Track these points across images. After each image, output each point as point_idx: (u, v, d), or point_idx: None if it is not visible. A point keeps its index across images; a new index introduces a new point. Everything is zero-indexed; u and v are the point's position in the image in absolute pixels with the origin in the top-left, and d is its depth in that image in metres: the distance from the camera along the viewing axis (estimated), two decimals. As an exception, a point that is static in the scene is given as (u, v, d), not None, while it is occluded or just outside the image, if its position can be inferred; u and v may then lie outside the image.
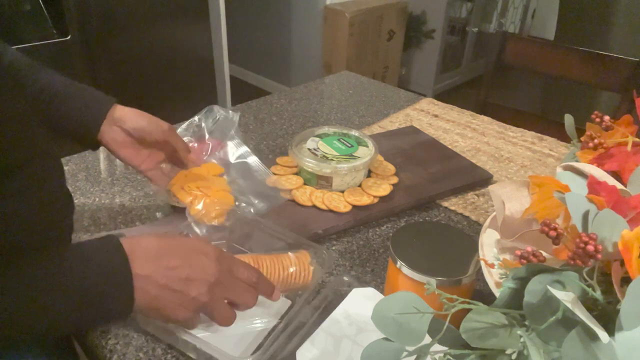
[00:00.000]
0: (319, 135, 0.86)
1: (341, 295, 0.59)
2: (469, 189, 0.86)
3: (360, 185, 0.81)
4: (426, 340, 0.37)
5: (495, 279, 0.46)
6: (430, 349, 0.37)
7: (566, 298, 0.33)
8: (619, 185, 0.47)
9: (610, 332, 0.33)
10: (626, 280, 0.35)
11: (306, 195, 0.78)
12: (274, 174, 0.83)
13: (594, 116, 0.58)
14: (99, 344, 0.56)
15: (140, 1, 1.90)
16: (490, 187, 0.53)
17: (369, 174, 0.85)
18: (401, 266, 0.53)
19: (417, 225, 0.67)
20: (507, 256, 0.50)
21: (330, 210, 0.76)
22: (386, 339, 0.38)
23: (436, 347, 0.37)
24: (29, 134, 0.50)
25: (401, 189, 0.82)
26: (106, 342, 0.56)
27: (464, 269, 0.52)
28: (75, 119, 0.64)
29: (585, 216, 0.39)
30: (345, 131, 0.87)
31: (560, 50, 1.36)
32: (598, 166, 0.51)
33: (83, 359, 0.66)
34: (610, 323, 0.34)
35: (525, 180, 0.51)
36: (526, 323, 0.36)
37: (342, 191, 0.80)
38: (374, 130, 1.06)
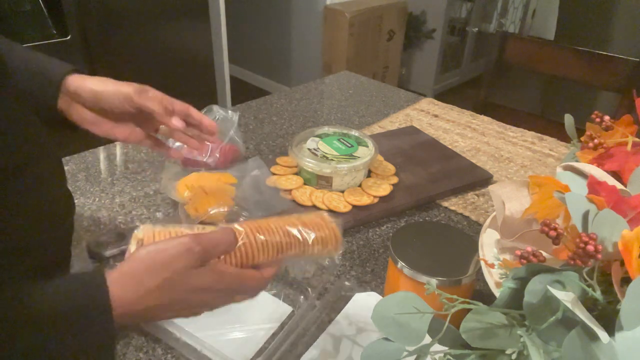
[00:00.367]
0: (319, 135, 0.86)
1: (343, 299, 0.60)
2: (469, 189, 0.86)
3: (360, 185, 0.81)
4: (426, 340, 0.37)
5: (495, 279, 0.46)
6: (430, 349, 0.37)
7: (566, 298, 0.33)
8: (619, 185, 0.47)
9: (610, 332, 0.33)
10: (626, 280, 0.35)
11: (306, 195, 0.78)
12: (273, 174, 0.83)
13: (594, 116, 0.58)
14: (99, 344, 0.56)
15: (140, 1, 1.89)
16: (490, 187, 0.53)
17: (369, 174, 0.85)
18: (401, 266, 0.53)
19: (417, 225, 0.67)
20: (507, 256, 0.50)
21: (330, 210, 0.76)
22: (386, 339, 0.38)
23: (436, 347, 0.37)
24: (29, 135, 0.50)
25: (401, 189, 0.82)
26: (106, 342, 0.56)
27: (464, 269, 0.52)
28: (33, 101, 0.56)
29: (585, 216, 0.39)
30: (345, 131, 0.87)
31: (560, 50, 1.36)
32: (598, 166, 0.51)
33: (83, 359, 0.66)
34: (610, 323, 0.34)
35: (525, 180, 0.51)
36: (526, 323, 0.36)
37: (342, 191, 0.80)
38: (374, 130, 1.06)
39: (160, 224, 0.47)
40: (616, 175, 0.52)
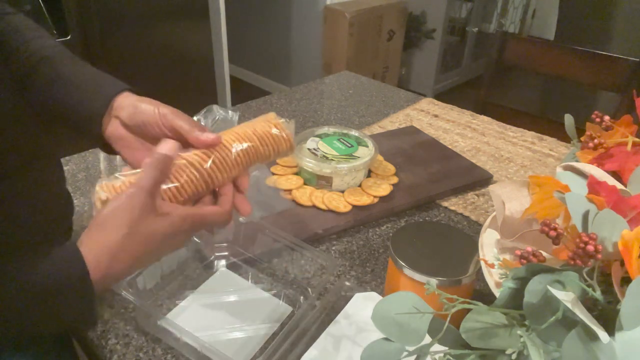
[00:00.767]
0: (319, 135, 0.86)
1: (343, 299, 0.60)
2: (469, 189, 0.86)
3: (360, 185, 0.81)
4: (426, 340, 0.37)
5: (495, 279, 0.46)
6: (430, 349, 0.37)
7: (566, 298, 0.33)
8: (619, 185, 0.47)
9: (610, 332, 0.33)
10: (626, 280, 0.35)
11: (306, 195, 0.78)
12: (273, 174, 0.83)
13: (594, 116, 0.58)
14: (99, 344, 0.56)
15: (140, 1, 1.90)
16: (490, 187, 0.53)
17: (369, 174, 0.85)
18: (401, 266, 0.53)
19: (417, 225, 0.67)
20: (507, 256, 0.50)
21: (330, 210, 0.76)
22: (386, 339, 0.38)
23: (436, 347, 0.37)
24: (29, 136, 0.50)
25: (401, 189, 0.82)
26: (106, 342, 0.56)
27: (464, 269, 0.52)
28: (76, 109, 0.55)
29: (585, 216, 0.39)
30: (345, 131, 0.87)
31: (560, 50, 1.36)
32: (598, 166, 0.51)
33: (83, 359, 0.66)
34: (610, 323, 0.34)
35: (525, 180, 0.51)
36: (526, 323, 0.36)
37: (342, 191, 0.80)
38: (374, 130, 1.06)
39: (113, 176, 0.47)
40: (616, 175, 0.52)
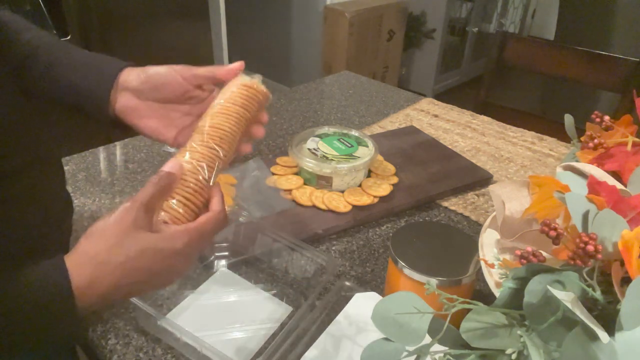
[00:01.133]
0: (319, 135, 0.86)
1: (343, 299, 0.60)
2: (469, 189, 0.86)
3: (360, 185, 0.81)
4: (426, 340, 0.37)
5: (495, 279, 0.46)
6: (430, 349, 0.37)
7: (566, 298, 0.33)
8: (619, 185, 0.47)
9: (610, 332, 0.33)
10: (626, 280, 0.35)
11: (306, 195, 0.78)
12: (273, 174, 0.83)
13: (594, 116, 0.58)
14: (99, 344, 0.56)
15: (140, 1, 1.90)
16: (490, 187, 0.53)
17: (369, 174, 0.85)
18: (401, 266, 0.53)
19: (417, 225, 0.67)
20: (507, 256, 0.50)
21: (330, 210, 0.76)
22: (386, 339, 0.38)
23: (436, 347, 0.37)
24: (29, 138, 0.50)
25: (401, 189, 0.82)
26: (106, 342, 0.56)
27: (464, 269, 0.52)
28: (80, 90, 0.54)
29: (585, 216, 0.39)
30: (345, 131, 0.87)
31: (560, 50, 1.36)
32: (598, 166, 0.51)
33: (83, 359, 0.66)
34: (610, 323, 0.34)
35: (525, 180, 0.51)
36: (526, 323, 0.36)
37: (342, 191, 0.80)
38: (374, 130, 1.06)
39: None
40: (616, 175, 0.52)
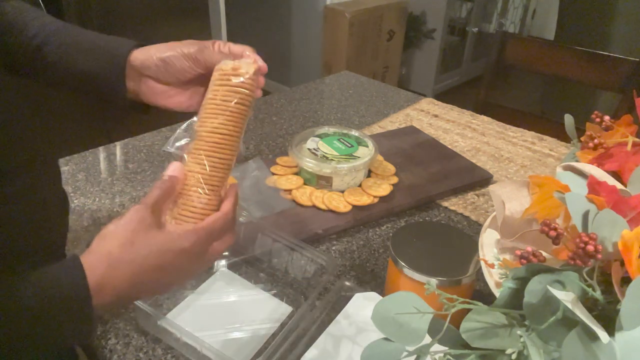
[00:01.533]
0: (319, 135, 0.86)
1: (343, 299, 0.59)
2: (469, 189, 0.86)
3: (360, 185, 0.81)
4: (426, 340, 0.37)
5: (495, 279, 0.46)
6: (430, 349, 0.37)
7: (566, 298, 0.33)
8: (619, 185, 0.47)
9: (610, 332, 0.33)
10: (626, 280, 0.35)
11: (306, 195, 0.78)
12: (273, 174, 0.83)
13: (594, 116, 0.58)
14: (99, 344, 0.56)
15: (140, 1, 1.90)
16: (490, 187, 0.53)
17: (369, 174, 0.85)
18: (401, 266, 0.53)
19: (417, 225, 0.67)
20: (507, 256, 0.50)
21: (330, 210, 0.76)
22: (386, 339, 0.38)
23: (436, 347, 0.37)
24: (26, 138, 0.49)
25: (401, 189, 0.82)
26: (106, 342, 0.56)
27: (464, 269, 0.52)
28: (94, 72, 0.55)
29: (585, 216, 0.39)
30: (345, 131, 0.87)
31: (560, 50, 1.36)
32: (598, 166, 0.51)
33: (83, 359, 0.66)
34: (610, 323, 0.34)
35: (525, 180, 0.51)
36: (526, 323, 0.36)
37: (342, 191, 0.80)
38: (374, 130, 1.06)
39: None
40: (616, 175, 0.52)
